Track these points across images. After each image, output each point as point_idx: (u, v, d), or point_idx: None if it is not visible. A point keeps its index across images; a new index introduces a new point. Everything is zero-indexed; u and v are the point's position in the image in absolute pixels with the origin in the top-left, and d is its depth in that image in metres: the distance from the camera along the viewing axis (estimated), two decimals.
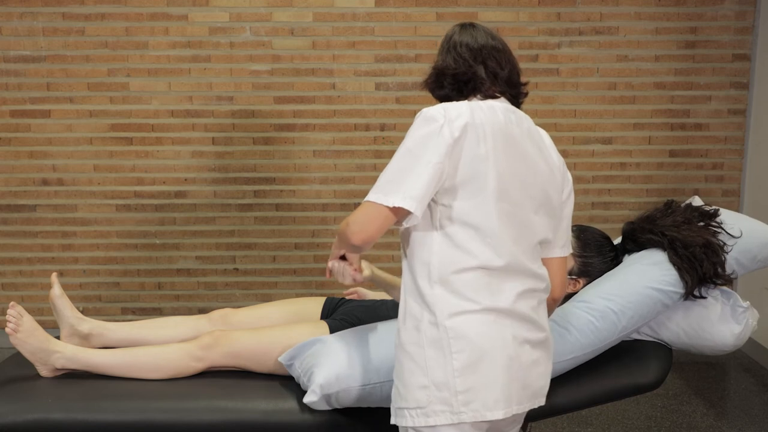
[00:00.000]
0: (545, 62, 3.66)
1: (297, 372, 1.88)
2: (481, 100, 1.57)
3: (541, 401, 1.54)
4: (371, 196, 1.42)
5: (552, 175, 1.55)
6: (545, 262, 1.61)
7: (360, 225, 1.42)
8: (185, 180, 3.72)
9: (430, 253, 1.46)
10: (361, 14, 3.61)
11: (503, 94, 1.61)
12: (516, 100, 1.64)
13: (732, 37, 3.66)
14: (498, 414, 1.42)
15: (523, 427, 2.10)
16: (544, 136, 1.62)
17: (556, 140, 3.71)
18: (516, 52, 3.64)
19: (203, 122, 3.68)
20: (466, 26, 1.63)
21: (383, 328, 1.89)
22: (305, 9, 3.60)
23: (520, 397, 1.46)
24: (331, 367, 1.76)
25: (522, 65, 3.64)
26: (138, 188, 3.72)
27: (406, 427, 1.46)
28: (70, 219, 3.73)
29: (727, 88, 3.71)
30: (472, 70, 1.57)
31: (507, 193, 1.46)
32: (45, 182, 3.70)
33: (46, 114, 3.65)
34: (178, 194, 3.73)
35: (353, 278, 1.70)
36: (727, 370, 3.53)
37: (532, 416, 1.86)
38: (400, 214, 1.42)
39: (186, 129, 3.68)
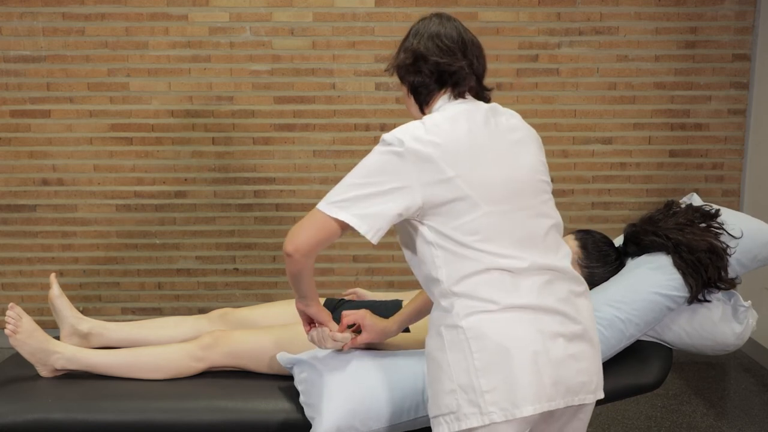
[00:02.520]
0: (545, 62, 3.66)
1: (297, 377, 1.87)
2: (454, 98, 1.55)
3: (585, 398, 1.46)
4: (321, 204, 1.43)
5: (532, 157, 1.53)
6: None
7: (295, 231, 1.43)
8: (185, 180, 3.72)
9: (437, 268, 1.44)
10: (361, 14, 3.61)
11: (473, 92, 1.58)
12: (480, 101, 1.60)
13: (732, 37, 3.66)
14: (527, 410, 1.37)
15: None
16: (511, 117, 1.58)
17: (556, 140, 3.72)
18: (516, 52, 3.65)
19: (203, 122, 3.67)
20: (447, 18, 1.60)
21: (384, 367, 1.82)
22: (305, 9, 3.60)
23: (551, 394, 1.40)
24: (331, 417, 1.72)
25: (522, 65, 3.66)
26: (138, 188, 3.72)
27: None
28: (70, 219, 3.73)
29: (727, 88, 3.71)
30: (458, 63, 1.54)
31: (494, 197, 1.43)
32: (45, 182, 3.70)
33: (46, 114, 3.65)
34: (178, 194, 3.73)
35: (334, 340, 1.72)
36: (727, 370, 3.53)
37: None
38: (346, 227, 1.42)
39: (186, 129, 3.68)
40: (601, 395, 1.50)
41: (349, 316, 1.78)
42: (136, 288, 3.80)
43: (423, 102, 1.60)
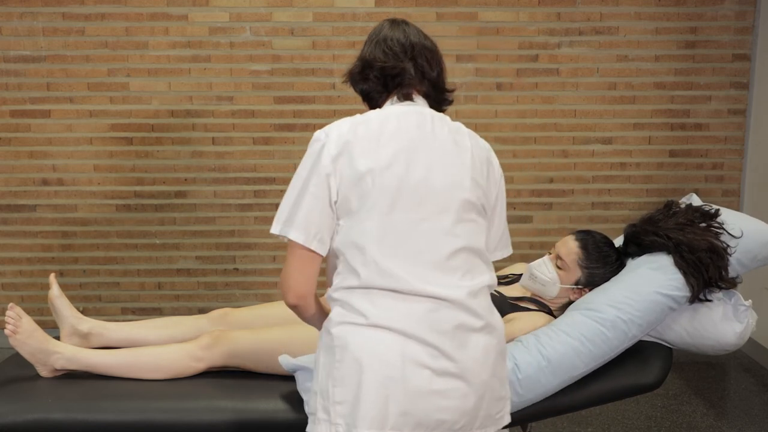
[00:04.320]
0: (545, 62, 3.66)
1: (300, 384, 1.86)
2: (397, 101, 1.54)
3: None
4: (272, 226, 1.46)
5: (462, 174, 1.45)
6: None
7: (289, 279, 1.45)
8: (185, 180, 3.72)
9: (337, 274, 1.45)
10: (361, 14, 3.61)
11: (427, 96, 1.56)
12: (439, 106, 1.59)
13: (732, 37, 3.66)
14: None
15: (523, 427, 2.10)
16: (464, 132, 1.51)
17: (556, 140, 3.71)
18: (516, 52, 3.64)
19: (203, 122, 3.67)
20: (398, 22, 1.59)
21: None
22: (305, 9, 3.60)
23: (396, 423, 1.35)
24: None
25: (522, 65, 3.65)
26: (138, 188, 3.72)
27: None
28: (70, 219, 3.73)
29: (727, 88, 3.71)
30: (402, 65, 1.52)
31: (400, 204, 1.40)
32: (45, 182, 3.70)
33: (46, 114, 3.65)
34: (178, 194, 3.73)
35: None
36: (727, 370, 3.53)
37: (532, 416, 1.86)
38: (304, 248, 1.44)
39: (186, 129, 3.68)
40: None
41: None
42: (136, 288, 3.80)
43: (376, 107, 1.59)
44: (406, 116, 1.49)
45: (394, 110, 1.50)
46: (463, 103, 3.65)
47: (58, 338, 2.14)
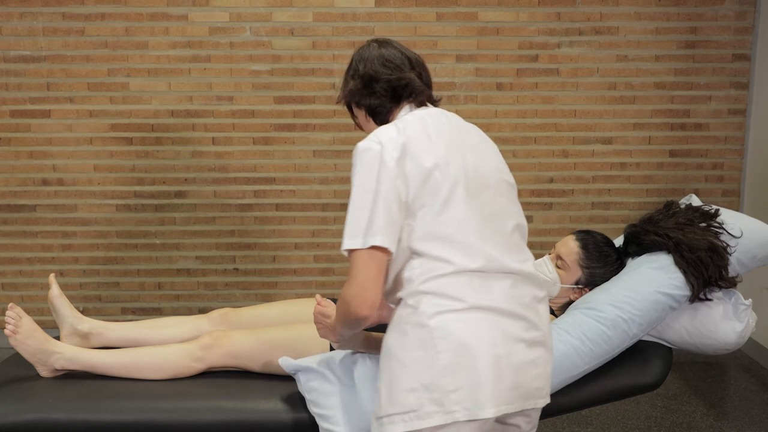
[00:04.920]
0: (545, 62, 3.66)
1: (303, 384, 1.86)
2: (414, 107, 1.61)
3: (537, 403, 1.49)
4: (346, 243, 1.42)
5: (495, 158, 1.58)
6: None
7: (359, 290, 1.40)
8: (185, 180, 3.72)
9: (411, 269, 1.45)
10: (361, 14, 3.61)
11: (430, 102, 1.66)
12: None
13: (732, 37, 3.66)
14: (489, 412, 1.39)
15: None
16: (476, 127, 1.64)
17: (556, 140, 3.72)
18: (516, 52, 3.65)
19: (203, 122, 3.67)
20: (386, 42, 1.67)
21: None
22: (305, 9, 3.60)
23: (509, 397, 1.43)
24: (353, 429, 1.73)
25: (522, 65, 3.65)
26: (138, 188, 3.72)
27: None
28: (70, 219, 3.73)
29: (727, 88, 3.71)
30: (408, 75, 1.60)
31: (468, 191, 1.47)
32: (45, 182, 3.70)
33: (46, 114, 3.65)
34: (178, 194, 3.73)
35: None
36: (727, 370, 3.53)
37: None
38: (384, 253, 1.42)
39: (186, 129, 3.68)
40: (549, 400, 1.53)
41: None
42: (136, 288, 3.80)
43: (384, 121, 1.64)
44: (435, 117, 1.57)
45: (422, 113, 1.58)
46: (463, 103, 3.65)
47: (58, 338, 2.14)
